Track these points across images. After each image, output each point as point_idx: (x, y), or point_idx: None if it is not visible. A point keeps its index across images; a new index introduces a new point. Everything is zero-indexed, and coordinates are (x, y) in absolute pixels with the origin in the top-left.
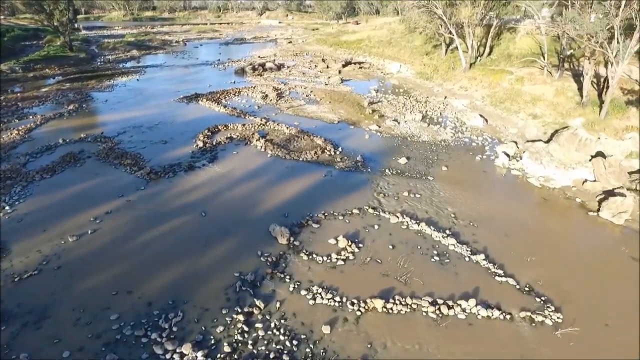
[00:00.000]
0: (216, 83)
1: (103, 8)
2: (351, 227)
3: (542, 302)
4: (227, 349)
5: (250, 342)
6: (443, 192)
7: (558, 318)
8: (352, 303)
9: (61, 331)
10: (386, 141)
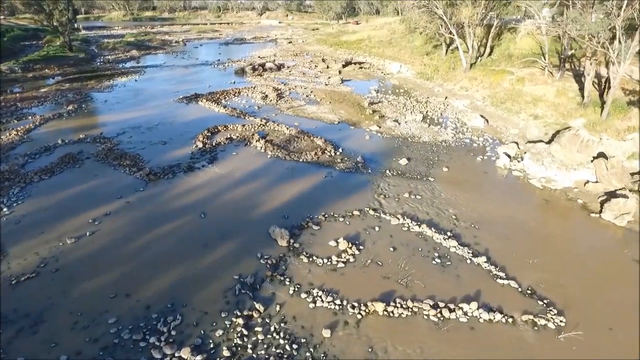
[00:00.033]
0: (216, 83)
1: (103, 8)
2: (352, 229)
3: (545, 306)
4: (227, 353)
5: (249, 346)
6: (444, 194)
7: (561, 322)
8: (353, 306)
9: (58, 335)
10: (387, 142)
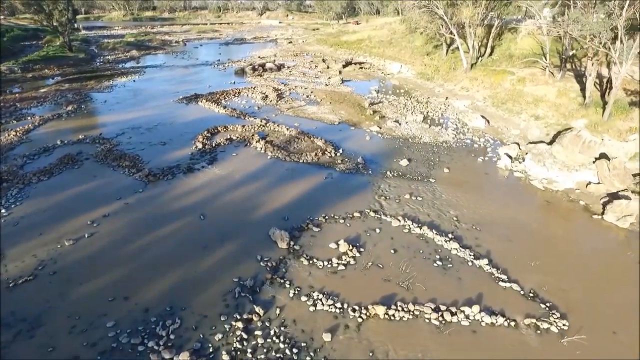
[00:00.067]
0: (216, 83)
1: (103, 8)
2: (352, 231)
3: (547, 309)
4: (226, 358)
5: (249, 350)
6: (445, 195)
7: (564, 325)
8: (354, 309)
9: (56, 339)
10: (387, 142)
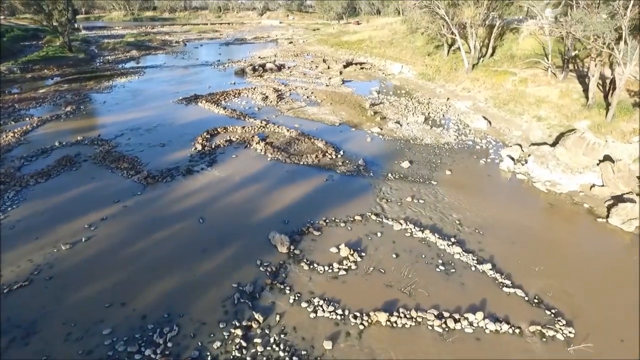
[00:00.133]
0: (216, 84)
1: (103, 8)
2: (353, 235)
3: (553, 315)
4: None
5: (248, 359)
6: (447, 198)
7: (570, 333)
8: (355, 316)
9: (51, 347)
10: (388, 144)
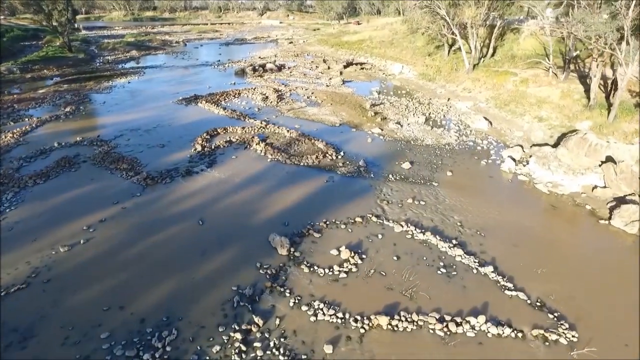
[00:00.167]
0: (216, 84)
1: (103, 8)
2: (354, 237)
3: (556, 319)
4: None
5: None
6: (448, 199)
7: (573, 337)
8: (356, 320)
9: (48, 351)
10: (389, 145)
